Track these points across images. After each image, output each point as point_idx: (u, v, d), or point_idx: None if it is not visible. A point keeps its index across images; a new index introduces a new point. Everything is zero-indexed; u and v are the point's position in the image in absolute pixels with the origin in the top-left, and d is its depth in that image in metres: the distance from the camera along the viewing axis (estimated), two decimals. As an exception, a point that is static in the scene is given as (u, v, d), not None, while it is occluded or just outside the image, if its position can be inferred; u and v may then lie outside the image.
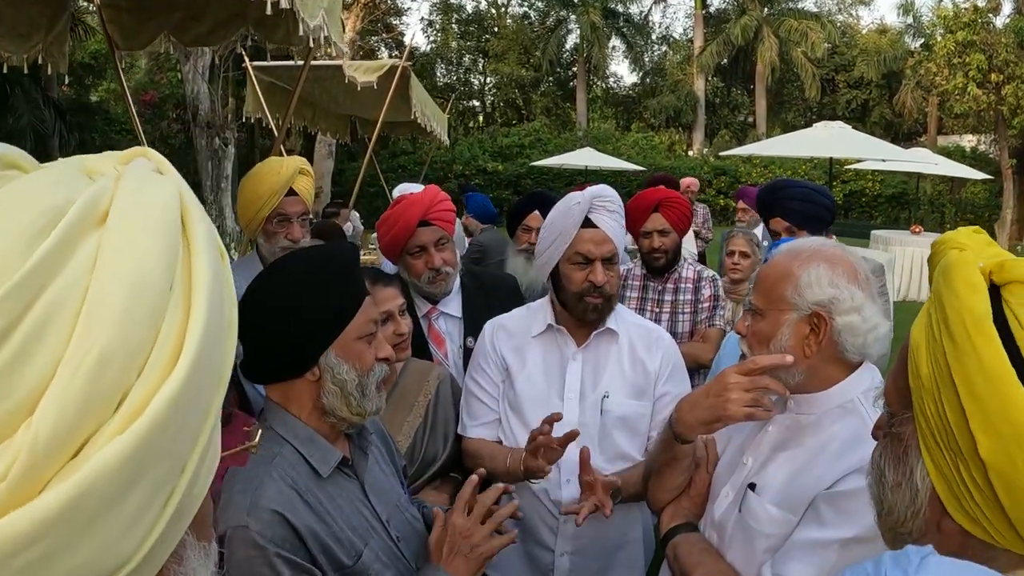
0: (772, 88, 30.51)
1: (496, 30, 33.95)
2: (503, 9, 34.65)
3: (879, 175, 22.84)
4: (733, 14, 30.39)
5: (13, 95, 13.63)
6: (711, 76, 31.13)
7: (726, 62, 30.96)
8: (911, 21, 28.93)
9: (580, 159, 17.90)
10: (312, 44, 3.41)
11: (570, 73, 34.01)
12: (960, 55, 18.66)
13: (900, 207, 23.55)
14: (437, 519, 1.54)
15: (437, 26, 34.00)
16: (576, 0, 30.68)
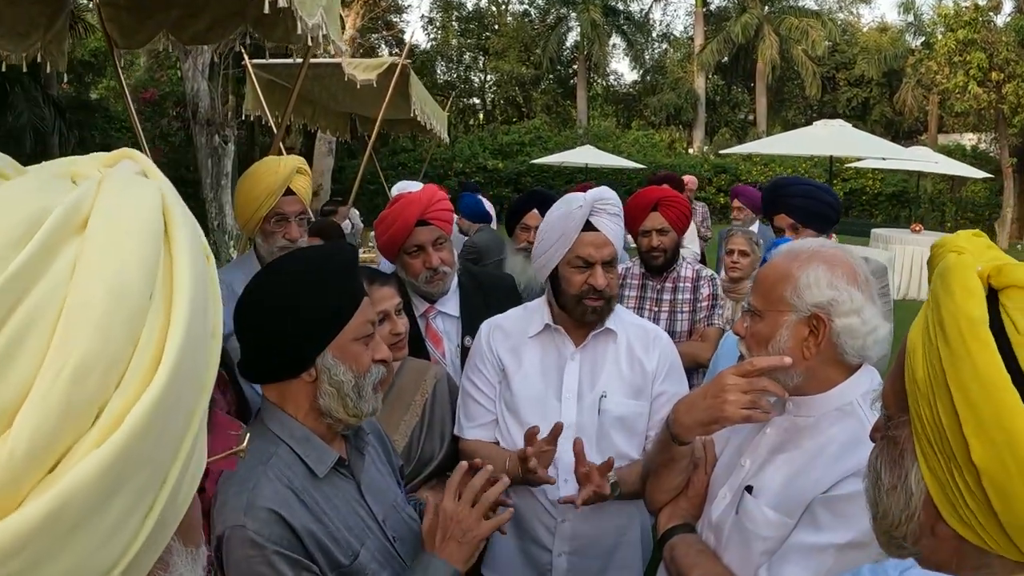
0: (772, 86, 30.49)
1: (496, 27, 33.91)
2: (503, 6, 34.61)
3: (879, 173, 22.79)
4: (734, 12, 30.33)
5: (13, 93, 13.62)
6: (711, 74, 31.08)
7: (726, 60, 30.93)
8: (912, 19, 29.02)
9: (580, 157, 17.89)
10: (311, 43, 3.40)
11: (570, 71, 33.97)
12: (961, 53, 18.66)
13: (900, 205, 23.51)
14: (428, 507, 1.53)
15: (437, 23, 34.00)
16: (577, -2, 30.71)
